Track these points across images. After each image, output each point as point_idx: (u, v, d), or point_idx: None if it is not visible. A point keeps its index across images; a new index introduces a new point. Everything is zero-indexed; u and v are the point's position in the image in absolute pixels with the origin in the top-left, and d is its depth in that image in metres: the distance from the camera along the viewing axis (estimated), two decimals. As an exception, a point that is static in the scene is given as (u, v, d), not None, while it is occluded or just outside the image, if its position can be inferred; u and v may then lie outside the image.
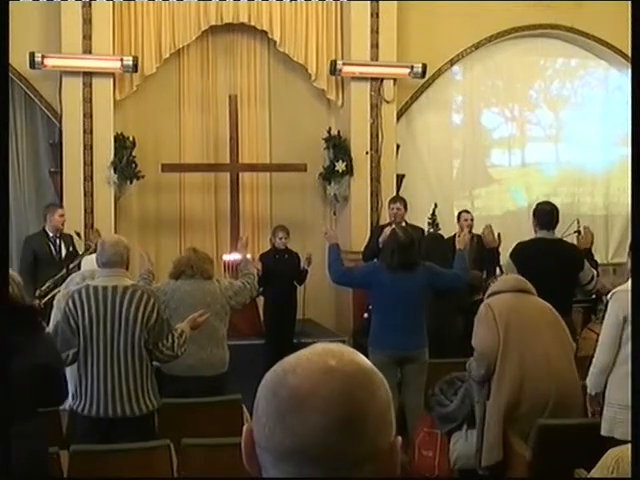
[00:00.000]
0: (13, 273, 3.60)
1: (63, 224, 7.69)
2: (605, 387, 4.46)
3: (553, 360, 4.76)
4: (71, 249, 7.60)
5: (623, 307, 4.36)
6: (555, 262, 5.89)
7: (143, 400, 4.50)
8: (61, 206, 7.95)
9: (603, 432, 4.32)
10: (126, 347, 4.44)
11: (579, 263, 6.13)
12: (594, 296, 7.15)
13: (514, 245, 6.27)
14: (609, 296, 4.61)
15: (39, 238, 7.72)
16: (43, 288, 7.23)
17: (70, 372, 4.83)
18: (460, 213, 8.81)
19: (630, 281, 4.40)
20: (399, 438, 1.15)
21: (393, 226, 7.02)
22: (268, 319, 7.89)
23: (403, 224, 7.73)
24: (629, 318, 4.32)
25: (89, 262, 5.40)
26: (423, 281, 5.81)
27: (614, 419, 4.32)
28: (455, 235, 8.50)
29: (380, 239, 6.02)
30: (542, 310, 4.93)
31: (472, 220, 8.64)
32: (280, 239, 7.81)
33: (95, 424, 4.39)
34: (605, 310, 4.69)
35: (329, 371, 1.11)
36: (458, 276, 6.02)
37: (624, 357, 4.38)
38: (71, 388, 4.43)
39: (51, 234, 7.66)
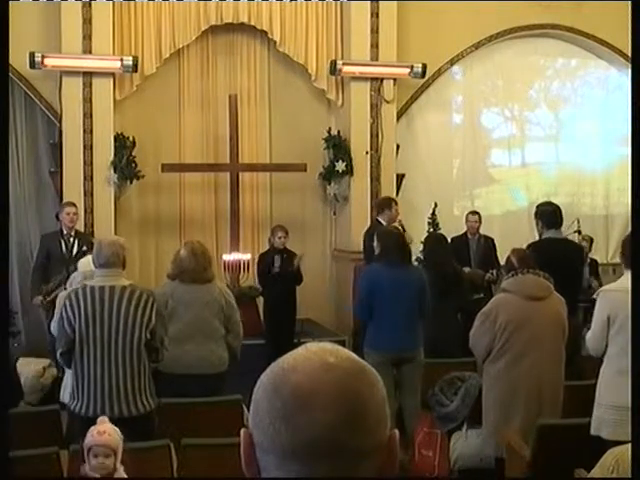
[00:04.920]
0: None
1: (72, 221, 7.63)
2: (595, 388, 4.49)
3: (543, 384, 4.90)
4: (85, 248, 7.53)
5: (608, 307, 4.40)
6: (565, 262, 5.92)
7: (140, 400, 4.49)
8: (71, 204, 7.79)
9: (592, 431, 4.34)
10: (124, 347, 4.43)
11: (583, 262, 6.24)
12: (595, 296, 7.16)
13: (525, 245, 6.29)
14: (595, 294, 4.64)
15: (53, 236, 7.70)
16: (49, 286, 7.26)
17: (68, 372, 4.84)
18: (467, 215, 8.88)
19: (620, 280, 4.44)
20: (396, 431, 1.17)
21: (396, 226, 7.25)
22: (268, 319, 7.90)
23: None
24: (613, 318, 4.35)
25: (85, 263, 5.37)
26: (418, 284, 5.85)
27: (601, 419, 4.34)
28: (458, 236, 8.60)
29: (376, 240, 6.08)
30: (548, 322, 4.96)
31: (479, 221, 8.70)
32: (279, 238, 7.80)
33: (91, 424, 4.37)
34: None
35: (329, 368, 1.13)
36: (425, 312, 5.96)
37: (610, 358, 4.39)
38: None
39: (65, 232, 7.64)
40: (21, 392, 5.55)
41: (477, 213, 8.91)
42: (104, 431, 3.59)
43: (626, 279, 4.34)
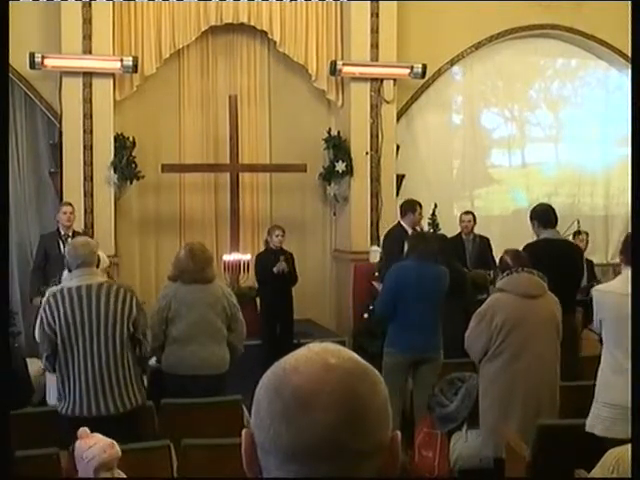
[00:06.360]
0: None
1: (69, 221, 7.62)
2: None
3: (540, 382, 4.91)
4: None
5: (600, 308, 4.40)
6: (562, 262, 5.91)
7: (127, 395, 4.48)
8: (67, 204, 7.79)
9: (586, 428, 4.36)
10: (107, 342, 4.44)
11: (582, 264, 6.24)
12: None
13: (522, 247, 6.27)
14: (592, 293, 4.66)
15: (51, 237, 7.69)
16: (49, 288, 7.24)
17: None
18: (461, 215, 8.92)
19: (617, 279, 4.45)
20: (398, 432, 1.16)
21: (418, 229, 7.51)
22: (265, 319, 7.87)
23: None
24: (604, 319, 4.36)
25: None
26: (444, 283, 5.92)
27: (597, 416, 4.35)
28: (453, 236, 8.61)
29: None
30: (543, 321, 4.96)
31: (473, 221, 8.73)
32: (277, 237, 7.78)
33: (79, 424, 4.33)
34: None
35: (331, 369, 1.12)
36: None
37: (607, 359, 4.39)
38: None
39: (62, 232, 7.63)
40: (31, 391, 5.53)
41: (471, 213, 8.94)
42: (112, 444, 3.45)
43: (621, 279, 4.35)
